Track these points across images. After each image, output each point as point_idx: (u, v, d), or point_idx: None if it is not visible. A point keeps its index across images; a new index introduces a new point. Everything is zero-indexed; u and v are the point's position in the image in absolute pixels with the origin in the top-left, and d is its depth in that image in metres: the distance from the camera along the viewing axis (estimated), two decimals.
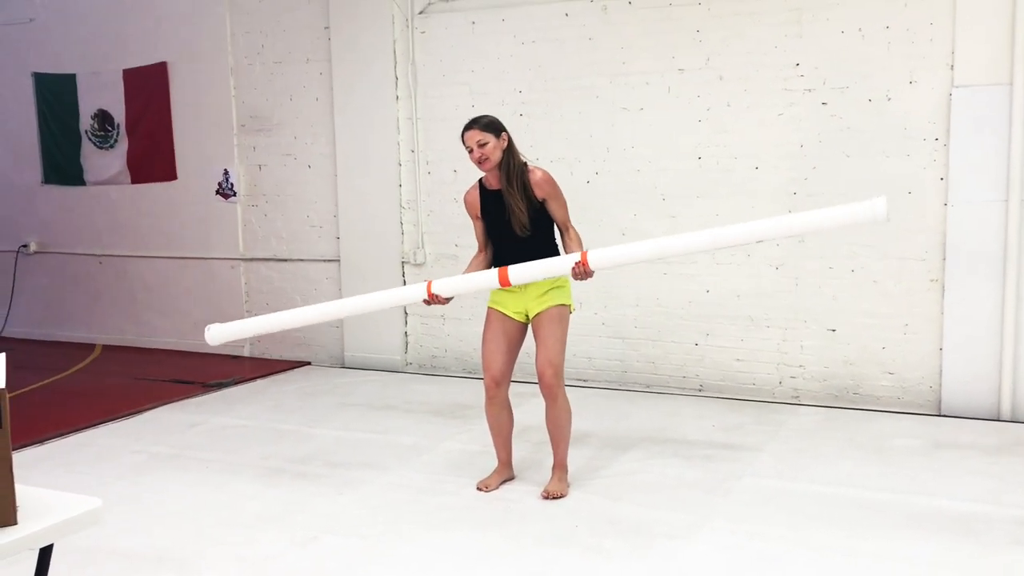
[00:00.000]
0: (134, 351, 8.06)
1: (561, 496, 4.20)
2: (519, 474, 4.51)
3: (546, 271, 3.96)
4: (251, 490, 4.48)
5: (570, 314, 4.25)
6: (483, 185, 4.26)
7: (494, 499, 4.25)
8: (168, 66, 7.71)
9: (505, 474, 4.43)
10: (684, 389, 6.12)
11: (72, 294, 8.52)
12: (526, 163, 4.18)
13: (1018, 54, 5.06)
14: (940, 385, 5.46)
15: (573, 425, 4.38)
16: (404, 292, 4.28)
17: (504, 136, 4.11)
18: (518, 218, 4.08)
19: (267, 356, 7.59)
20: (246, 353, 7.69)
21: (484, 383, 4.29)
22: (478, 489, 4.35)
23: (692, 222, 5.85)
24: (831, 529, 3.79)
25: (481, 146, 4.05)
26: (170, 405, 6.17)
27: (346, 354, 7.21)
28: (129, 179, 8.04)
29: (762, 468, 4.58)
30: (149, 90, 7.80)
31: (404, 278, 6.90)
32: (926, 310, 5.48)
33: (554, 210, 4.16)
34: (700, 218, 5.85)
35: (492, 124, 4.11)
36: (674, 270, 6.06)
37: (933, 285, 5.45)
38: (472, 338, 6.62)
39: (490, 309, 4.30)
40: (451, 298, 4.15)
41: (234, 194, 7.57)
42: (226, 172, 7.58)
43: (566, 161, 6.23)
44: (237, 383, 6.76)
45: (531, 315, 4.22)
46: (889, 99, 5.44)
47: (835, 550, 3.59)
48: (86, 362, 7.74)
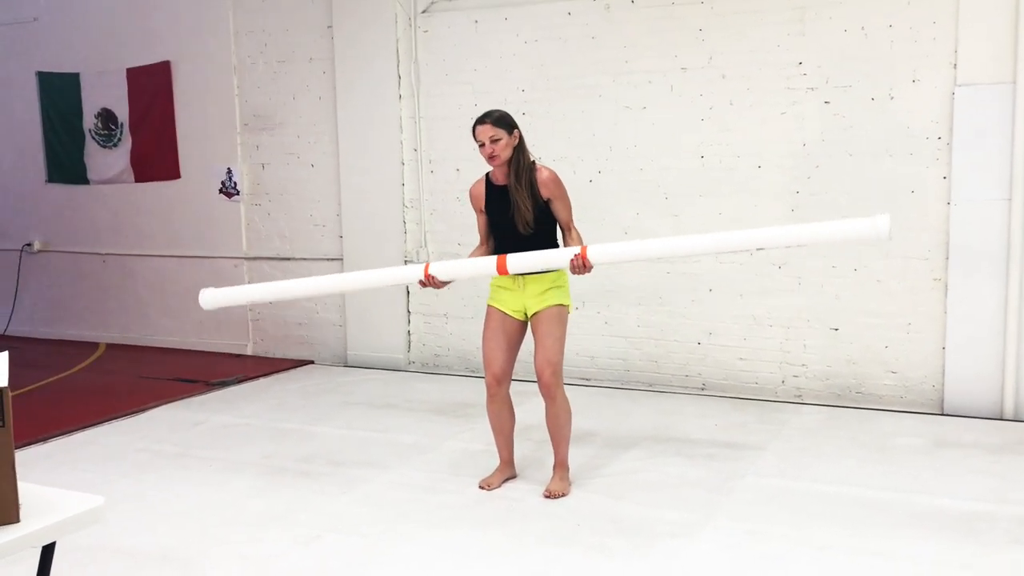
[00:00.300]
0: (138, 349, 8.07)
1: (563, 495, 4.21)
2: (521, 473, 4.51)
3: (545, 262, 3.96)
4: (254, 489, 4.49)
5: (569, 314, 4.25)
6: (489, 180, 4.26)
7: (496, 498, 4.25)
8: (171, 65, 7.71)
9: (507, 473, 4.44)
10: (687, 388, 6.12)
11: (76, 293, 8.53)
12: (534, 162, 4.18)
13: (1021, 52, 5.06)
14: (943, 384, 5.45)
15: (575, 424, 4.38)
16: (401, 272, 4.27)
17: (516, 133, 4.11)
18: (523, 215, 4.08)
19: (270, 355, 7.60)
20: (249, 352, 7.70)
21: (486, 381, 4.30)
22: (480, 488, 4.35)
23: (695, 221, 5.85)
24: (834, 528, 3.79)
25: (494, 142, 4.05)
26: (173, 403, 6.18)
27: (349, 353, 7.22)
28: (133, 178, 8.05)
29: (765, 467, 4.58)
30: (152, 89, 7.81)
31: None
32: (929, 309, 5.48)
33: (558, 210, 4.16)
34: (703, 217, 5.85)
35: (505, 120, 4.10)
36: (677, 269, 6.06)
37: (936, 284, 5.45)
38: (474, 337, 6.61)
39: (489, 307, 4.30)
40: (447, 282, 4.13)
41: (237, 193, 7.57)
42: (229, 171, 7.58)
43: (569, 160, 6.23)
44: (240, 381, 6.77)
45: (529, 313, 4.22)
46: (892, 98, 5.43)
47: (838, 549, 3.59)
48: (90, 360, 7.75)
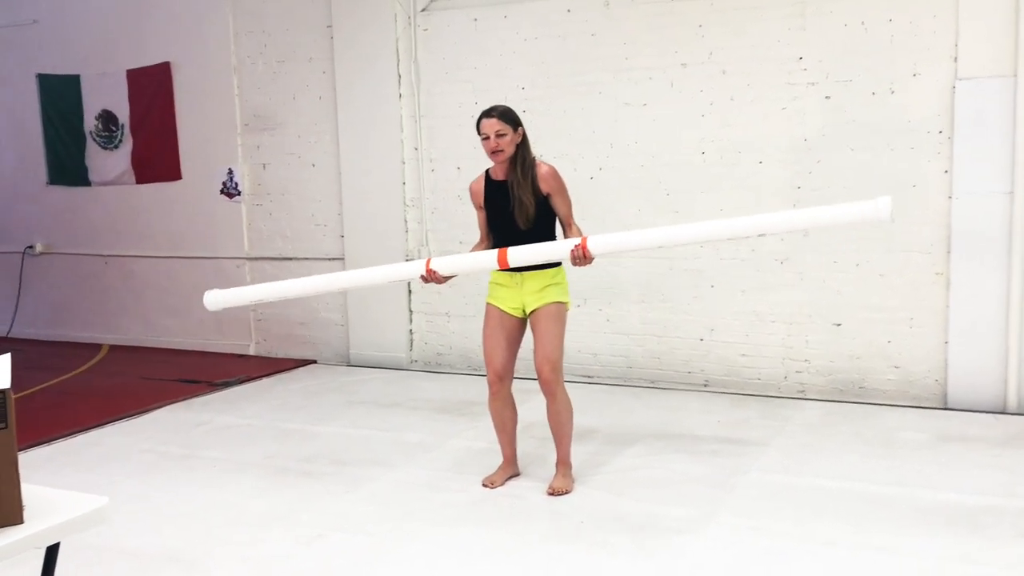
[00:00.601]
0: (140, 351, 8.08)
1: (566, 492, 4.21)
2: (524, 470, 4.51)
3: (546, 254, 3.96)
4: (257, 489, 4.49)
5: (567, 311, 4.25)
6: (489, 175, 4.26)
7: (500, 496, 4.26)
8: (171, 66, 7.71)
9: (510, 470, 4.44)
10: (689, 384, 6.12)
11: (78, 294, 8.54)
12: (535, 158, 4.18)
13: (1022, 46, 5.05)
14: (946, 378, 5.45)
15: (578, 421, 4.38)
16: (404, 268, 4.29)
17: (520, 130, 4.12)
18: (524, 210, 4.08)
19: (273, 355, 7.61)
20: (251, 352, 7.70)
21: (487, 379, 4.30)
22: (483, 486, 4.35)
23: (696, 217, 5.84)
24: (838, 523, 3.79)
25: (499, 136, 4.06)
26: (176, 404, 6.18)
27: (351, 352, 7.22)
28: (134, 179, 8.06)
29: (768, 463, 4.58)
30: (153, 90, 7.81)
31: None
32: (931, 303, 5.47)
33: (558, 205, 4.16)
34: (704, 213, 5.84)
35: (511, 116, 4.11)
36: (678, 265, 6.06)
37: (938, 278, 5.44)
38: (476, 335, 6.58)
39: (488, 305, 4.30)
40: (449, 277, 4.13)
41: (238, 193, 7.58)
42: (230, 171, 7.59)
43: (569, 157, 6.22)
44: (243, 382, 6.77)
45: (528, 310, 4.22)
46: (893, 92, 5.42)
47: (842, 544, 3.59)
48: (93, 362, 7.76)
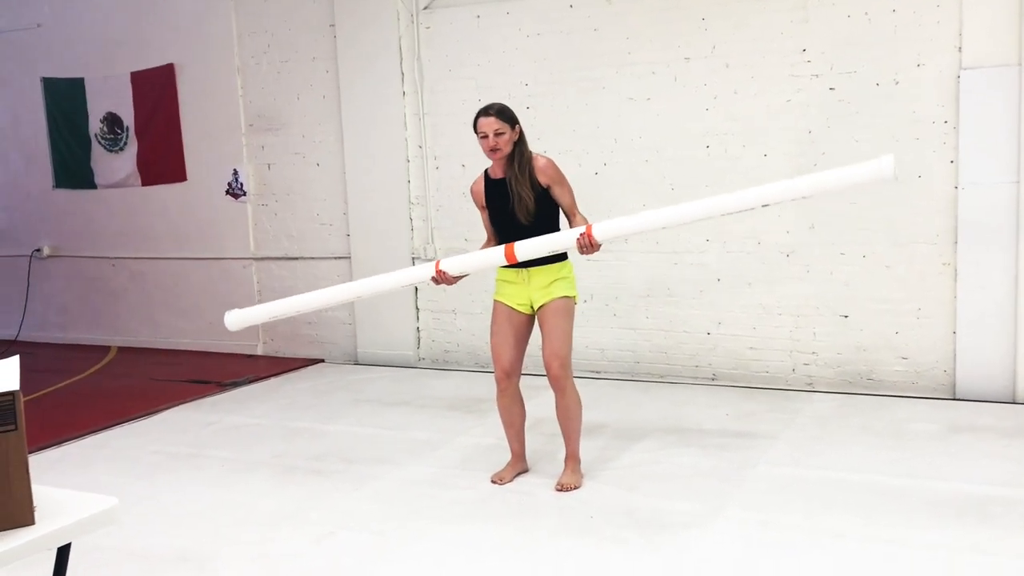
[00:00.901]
0: (149, 352, 8.10)
1: (575, 488, 4.21)
2: (533, 466, 4.52)
3: (552, 245, 3.96)
4: (266, 488, 4.51)
5: (575, 305, 4.25)
6: (488, 175, 4.27)
7: (508, 492, 4.26)
8: (175, 68, 7.73)
9: (519, 467, 4.44)
10: (697, 378, 6.11)
11: (86, 297, 8.57)
12: (532, 153, 4.19)
13: None
14: (954, 369, 5.43)
15: (586, 416, 4.38)
16: (414, 272, 4.31)
17: (518, 128, 4.13)
18: (524, 204, 4.08)
19: (280, 354, 7.62)
20: (260, 352, 7.72)
21: (495, 376, 4.30)
22: (492, 482, 4.36)
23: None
24: (847, 516, 3.78)
25: (498, 135, 4.07)
26: (185, 405, 6.20)
27: (359, 351, 7.23)
28: (139, 181, 8.08)
29: (777, 456, 4.58)
30: (157, 92, 7.83)
31: None
32: (939, 294, 5.46)
33: (559, 196, 4.17)
34: (715, 218, 5.82)
35: (508, 114, 4.12)
36: (684, 259, 6.05)
37: (945, 269, 5.42)
38: (484, 332, 6.60)
39: (496, 302, 4.30)
40: (459, 277, 4.14)
41: (244, 194, 7.59)
42: (235, 172, 7.60)
43: (574, 153, 6.22)
44: (251, 382, 6.78)
45: (535, 306, 4.22)
46: (897, 83, 5.41)
47: (852, 537, 3.58)
48: (101, 364, 7.78)
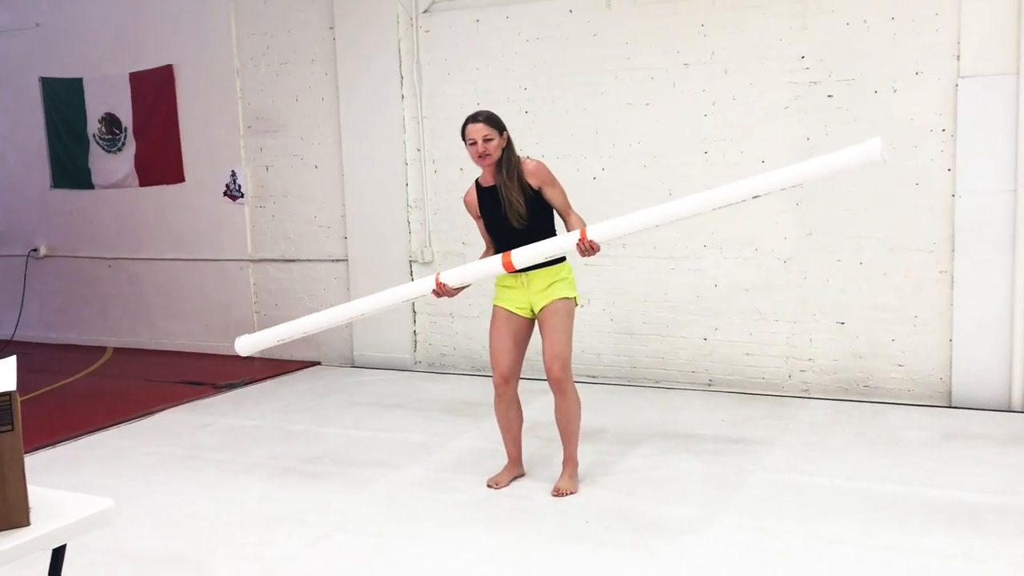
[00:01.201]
0: (145, 353, 8.09)
1: (571, 493, 4.20)
2: (529, 471, 4.51)
3: (549, 250, 3.97)
4: (262, 490, 4.50)
5: (575, 307, 4.25)
6: (479, 184, 4.29)
7: (505, 496, 4.26)
8: (174, 69, 7.73)
9: (515, 471, 4.44)
10: (693, 384, 6.12)
11: (82, 297, 8.56)
12: (519, 157, 4.21)
13: None
14: (950, 377, 5.44)
15: (583, 421, 4.38)
16: (416, 286, 4.32)
17: (505, 134, 4.16)
18: (515, 209, 4.10)
19: (277, 356, 7.58)
20: (256, 353, 7.69)
21: (493, 380, 4.30)
22: (488, 486, 4.36)
23: (699, 217, 5.82)
24: (843, 522, 3.78)
25: (487, 141, 4.08)
26: (181, 406, 6.19)
27: (355, 353, 7.23)
28: (137, 182, 8.07)
29: (773, 462, 4.58)
30: (155, 93, 7.83)
31: (412, 276, 6.91)
32: (935, 302, 5.47)
33: (552, 197, 4.17)
34: (707, 213, 5.82)
35: (496, 121, 4.14)
36: (681, 265, 6.06)
37: (942, 276, 5.43)
38: (481, 336, 6.62)
39: (496, 307, 4.31)
40: (460, 289, 4.16)
41: (242, 195, 7.59)
42: (233, 173, 7.60)
43: (572, 157, 6.23)
44: (247, 384, 6.78)
45: (536, 309, 4.22)
46: (895, 90, 5.42)
47: (847, 543, 3.59)
48: (97, 365, 7.77)
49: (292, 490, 4.47)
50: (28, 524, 2.11)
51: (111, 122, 8.08)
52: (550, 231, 4.21)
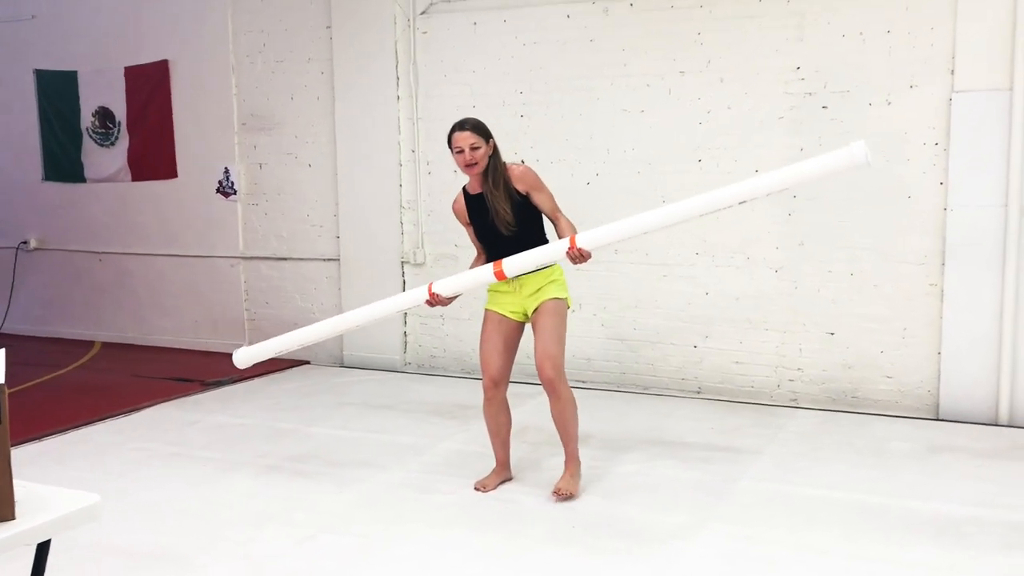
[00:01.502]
0: (133, 348, 8.06)
1: (570, 496, 4.16)
2: (517, 475, 4.51)
3: (540, 259, 3.97)
4: (249, 488, 4.49)
5: (568, 308, 4.25)
6: (466, 191, 4.30)
7: (492, 499, 4.25)
8: (169, 64, 7.71)
9: (503, 475, 4.43)
10: (683, 391, 6.12)
11: (72, 291, 8.52)
12: (506, 163, 4.21)
13: (1018, 60, 5.07)
14: (938, 389, 5.46)
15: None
16: (409, 296, 4.32)
17: (492, 142, 4.15)
18: (502, 217, 4.10)
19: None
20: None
21: (482, 384, 4.30)
22: (476, 489, 4.35)
23: (691, 224, 5.84)
24: (829, 532, 3.79)
25: (474, 149, 4.08)
26: (169, 403, 6.17)
27: (345, 353, 7.21)
28: (130, 177, 8.04)
29: (760, 471, 4.59)
30: (150, 88, 7.80)
31: (404, 278, 6.91)
32: (925, 314, 5.49)
33: (540, 201, 4.17)
34: (699, 220, 5.82)
35: (483, 129, 4.14)
36: (673, 272, 6.07)
37: (932, 289, 5.46)
38: (471, 338, 6.61)
39: (487, 311, 4.31)
40: (453, 298, 4.16)
41: (234, 192, 7.57)
42: (227, 170, 7.58)
43: (567, 162, 6.24)
44: (235, 381, 6.75)
45: (529, 312, 4.22)
46: (889, 103, 5.44)
47: (833, 553, 3.60)
48: (85, 359, 7.74)
49: (279, 489, 4.46)
50: (13, 518, 2.10)
51: (105, 116, 8.05)
52: (540, 236, 4.21)
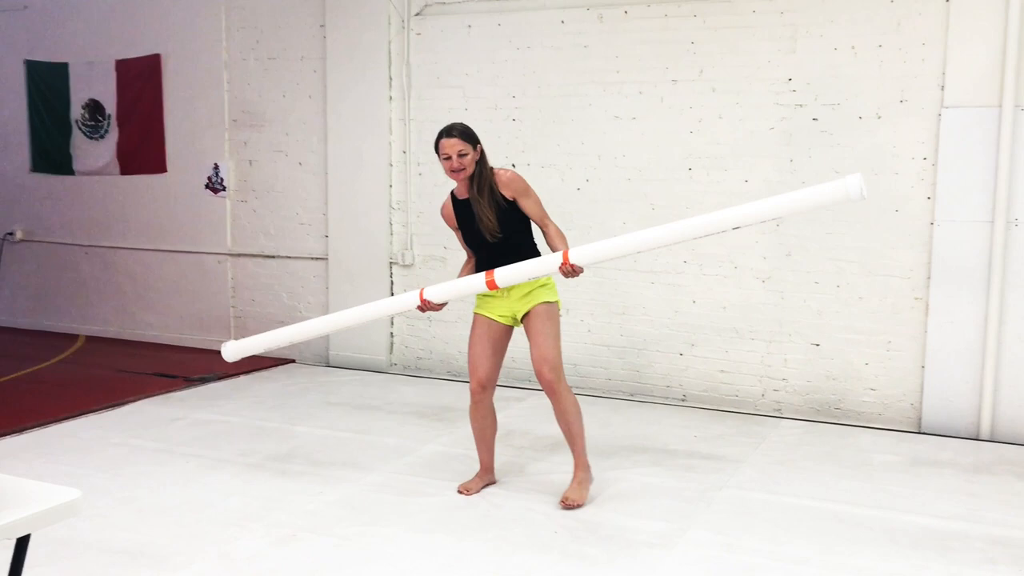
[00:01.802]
0: (118, 343, 8.02)
1: (577, 506, 4.14)
2: (500, 479, 4.51)
3: (532, 272, 3.97)
4: (231, 486, 4.47)
5: (559, 311, 4.25)
6: (454, 196, 4.29)
7: (474, 503, 4.25)
8: (161, 58, 7.68)
9: (487, 478, 4.43)
10: (667, 399, 6.14)
11: (57, 284, 8.48)
12: (492, 168, 4.20)
13: (1008, 77, 5.11)
14: (921, 403, 5.49)
15: (554, 432, 4.37)
16: (400, 300, 4.32)
17: (479, 148, 4.13)
18: (486, 224, 4.10)
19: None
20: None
21: (470, 387, 4.29)
22: (459, 492, 4.35)
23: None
24: (810, 542, 3.81)
25: (461, 156, 4.06)
26: (152, 399, 6.14)
27: (330, 353, 7.20)
28: (118, 170, 8.01)
29: (743, 479, 4.60)
30: (141, 82, 7.77)
31: (392, 279, 6.90)
32: (910, 328, 5.52)
33: (527, 207, 4.17)
34: (688, 241, 5.86)
35: (470, 134, 4.12)
36: (661, 280, 6.08)
37: (917, 303, 5.49)
38: (457, 341, 6.62)
39: (476, 315, 4.30)
40: (443, 304, 4.16)
41: (223, 189, 7.55)
42: (216, 166, 7.56)
43: (557, 168, 6.25)
44: (220, 378, 6.73)
45: (518, 316, 4.22)
46: (879, 117, 5.48)
47: (813, 563, 3.61)
48: (69, 352, 7.70)
49: (261, 487, 4.45)
50: None
51: (95, 108, 8.02)
52: (528, 241, 4.21)
